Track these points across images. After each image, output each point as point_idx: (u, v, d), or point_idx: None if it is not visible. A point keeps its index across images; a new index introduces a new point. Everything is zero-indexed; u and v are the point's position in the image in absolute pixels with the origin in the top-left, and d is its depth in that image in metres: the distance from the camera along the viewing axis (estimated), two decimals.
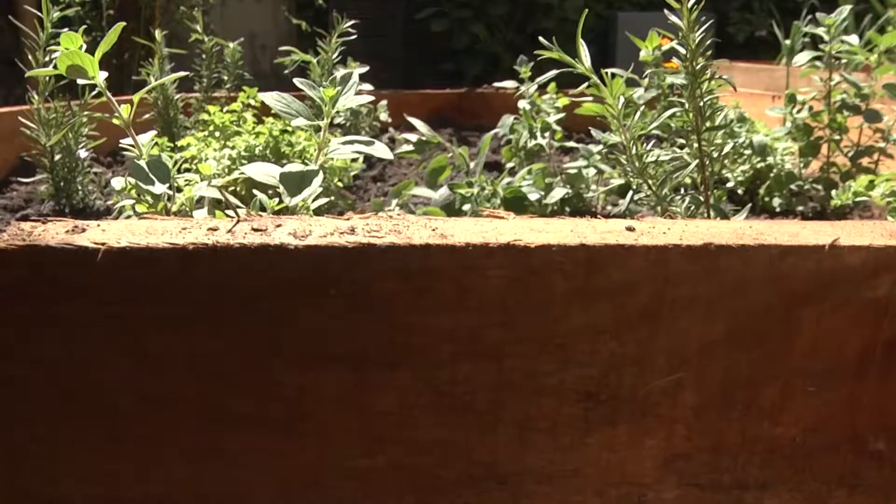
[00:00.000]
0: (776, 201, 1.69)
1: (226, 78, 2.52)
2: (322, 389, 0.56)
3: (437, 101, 2.88)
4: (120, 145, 0.93)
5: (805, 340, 0.60)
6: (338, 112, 2.18)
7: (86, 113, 1.59)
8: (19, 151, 1.93)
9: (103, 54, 0.90)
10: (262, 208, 0.95)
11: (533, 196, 1.51)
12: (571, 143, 1.61)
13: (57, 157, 1.59)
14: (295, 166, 0.85)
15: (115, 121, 0.90)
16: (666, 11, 1.02)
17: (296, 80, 0.88)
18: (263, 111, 1.87)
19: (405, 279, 0.56)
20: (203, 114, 1.65)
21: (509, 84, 2.14)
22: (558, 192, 1.48)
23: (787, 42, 4.40)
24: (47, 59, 1.59)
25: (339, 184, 1.59)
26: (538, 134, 1.60)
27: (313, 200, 0.91)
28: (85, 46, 0.90)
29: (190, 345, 0.56)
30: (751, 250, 0.58)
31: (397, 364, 0.56)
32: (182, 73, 1.12)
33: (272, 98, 0.87)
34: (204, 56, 2.45)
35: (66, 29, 1.61)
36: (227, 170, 1.45)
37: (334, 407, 0.56)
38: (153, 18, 3.99)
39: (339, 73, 2.11)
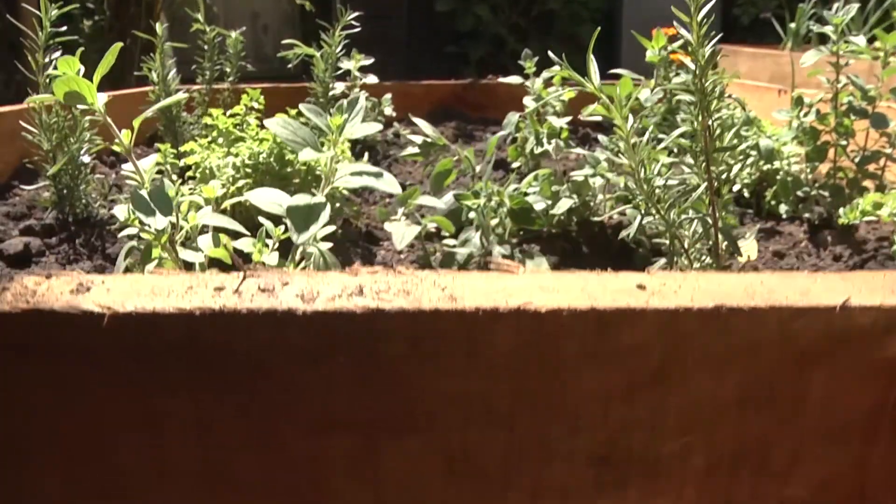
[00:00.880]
0: (782, 208, 1.68)
1: (228, 70, 2.50)
2: (331, 456, 0.56)
3: (441, 93, 2.86)
4: (122, 172, 0.92)
5: (815, 400, 0.59)
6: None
7: (87, 119, 1.58)
8: (21, 153, 1.92)
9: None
10: (269, 235, 0.94)
11: (539, 205, 1.50)
12: (577, 150, 1.59)
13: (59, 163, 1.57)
14: (302, 197, 0.84)
15: (115, 146, 0.89)
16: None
17: (302, 106, 0.86)
18: (268, 105, 1.86)
19: (414, 344, 0.56)
20: (206, 117, 1.63)
21: (514, 79, 2.13)
22: (565, 203, 1.47)
23: (793, 26, 4.35)
24: (46, 59, 1.57)
25: (345, 191, 1.58)
26: (544, 140, 1.58)
27: (321, 229, 0.90)
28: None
29: (197, 410, 0.56)
30: (761, 312, 0.57)
31: (407, 430, 0.56)
32: (180, 97, 1.11)
33: (278, 126, 0.86)
34: (206, 47, 2.43)
35: (64, 27, 1.60)
36: (231, 179, 1.44)
37: (344, 474, 0.56)
38: (155, 2, 3.95)
39: (342, 86, 2.08)
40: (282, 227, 0.91)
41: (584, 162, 1.53)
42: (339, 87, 2.29)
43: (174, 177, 1.57)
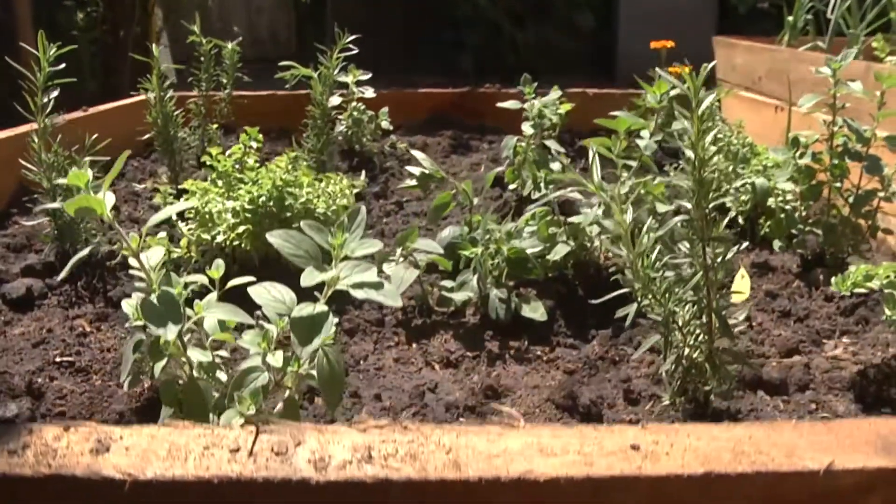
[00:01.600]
0: (776, 244, 1.71)
1: (224, 81, 2.50)
2: None
3: (438, 100, 2.86)
4: (130, 272, 0.93)
5: None
6: (341, 133, 2.17)
7: (87, 159, 1.59)
8: (18, 178, 1.93)
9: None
10: (267, 318, 0.96)
11: (536, 249, 1.52)
12: (574, 194, 1.60)
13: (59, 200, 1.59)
14: (305, 307, 0.86)
15: (125, 251, 0.91)
16: None
17: (303, 225, 0.88)
18: (266, 112, 1.86)
19: None
20: (206, 156, 1.64)
21: (512, 104, 2.13)
22: (562, 249, 1.50)
23: (790, 18, 4.33)
24: (45, 100, 1.58)
25: (333, 209, 1.60)
26: (542, 185, 1.60)
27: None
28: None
29: None
30: (748, 478, 0.60)
31: None
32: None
33: (279, 240, 0.87)
34: (202, 59, 2.43)
35: (63, 65, 1.60)
36: (231, 227, 1.46)
37: None
38: None
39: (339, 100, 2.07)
40: (285, 321, 0.92)
41: (581, 207, 1.56)
42: (336, 100, 2.29)
43: (174, 217, 1.59)
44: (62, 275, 0.95)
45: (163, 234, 1.60)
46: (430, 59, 5.15)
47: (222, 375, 0.98)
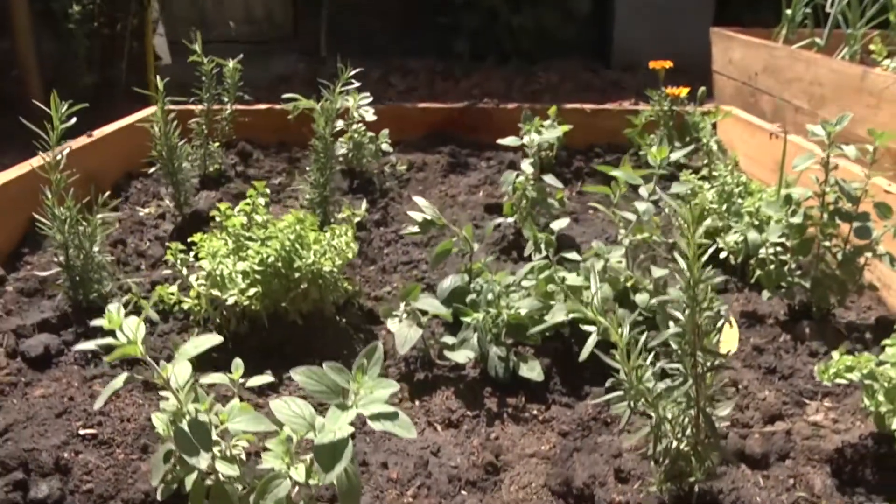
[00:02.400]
0: (765, 294, 1.80)
1: (226, 99, 2.55)
2: None
3: (437, 116, 2.91)
4: (161, 401, 1.01)
5: None
6: (342, 155, 2.24)
7: (100, 218, 1.65)
8: (29, 216, 1.99)
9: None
10: (290, 439, 1.04)
11: (535, 305, 1.60)
12: (573, 255, 1.68)
13: (71, 252, 1.65)
14: (325, 436, 0.94)
15: (158, 383, 0.99)
16: None
17: (325, 367, 0.95)
18: (268, 125, 1.91)
19: None
20: (214, 210, 1.71)
21: (511, 140, 2.19)
22: (559, 314, 1.58)
23: (788, 12, 4.36)
24: (58, 157, 1.63)
25: (340, 262, 1.66)
26: (542, 246, 1.68)
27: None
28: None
29: None
30: None
31: None
32: None
33: (303, 378, 0.95)
34: (204, 78, 2.47)
35: (73, 120, 1.64)
36: (241, 291, 1.53)
37: None
38: None
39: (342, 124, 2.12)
40: (306, 429, 1.00)
41: (580, 269, 1.63)
42: (339, 124, 2.34)
43: (184, 271, 1.66)
44: (97, 406, 1.02)
45: (173, 289, 1.68)
46: (426, 41, 5.15)
47: (245, 473, 1.07)
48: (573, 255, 1.66)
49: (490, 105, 2.91)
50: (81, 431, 1.33)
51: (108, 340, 0.94)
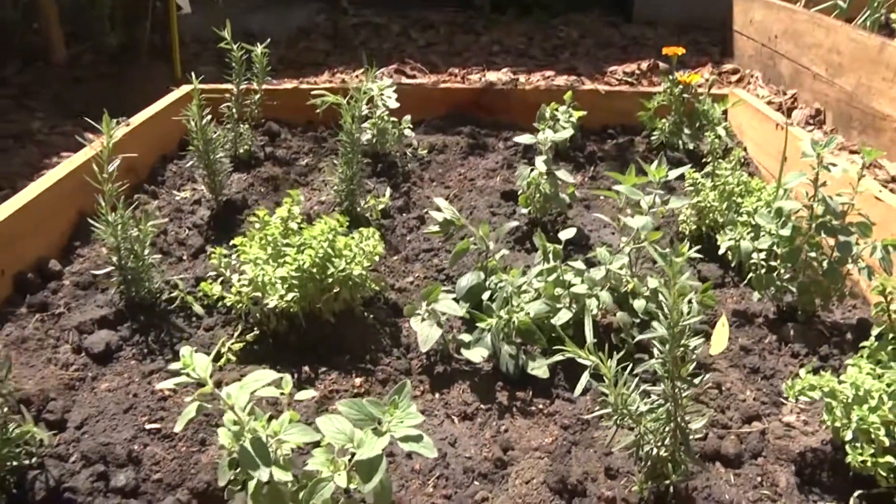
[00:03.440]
0: (755, 296, 2.02)
1: (255, 85, 2.74)
2: None
3: (457, 97, 3.09)
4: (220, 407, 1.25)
5: None
6: (367, 140, 2.49)
7: (152, 223, 1.88)
8: (79, 210, 2.23)
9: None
10: (331, 447, 1.29)
11: (543, 308, 1.83)
12: (578, 264, 1.90)
13: (123, 254, 1.89)
14: (365, 451, 1.18)
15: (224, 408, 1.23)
16: None
17: (365, 401, 1.19)
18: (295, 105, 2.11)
19: None
20: (251, 216, 1.93)
21: (526, 138, 2.39)
22: (564, 316, 1.81)
23: None
24: (111, 169, 1.85)
25: (368, 264, 1.89)
26: (550, 257, 1.89)
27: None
28: None
29: None
30: None
31: None
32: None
33: (346, 409, 1.19)
34: (234, 65, 2.66)
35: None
36: (280, 297, 1.77)
37: None
38: None
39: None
40: (348, 448, 1.25)
41: (584, 278, 1.85)
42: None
43: (227, 273, 1.89)
44: (177, 429, 1.27)
45: (217, 288, 1.91)
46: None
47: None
48: (579, 264, 1.88)
49: (508, 87, 3.08)
50: (147, 426, 1.59)
51: (183, 379, 1.18)
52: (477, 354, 1.81)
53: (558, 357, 1.44)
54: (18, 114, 3.94)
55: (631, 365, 1.40)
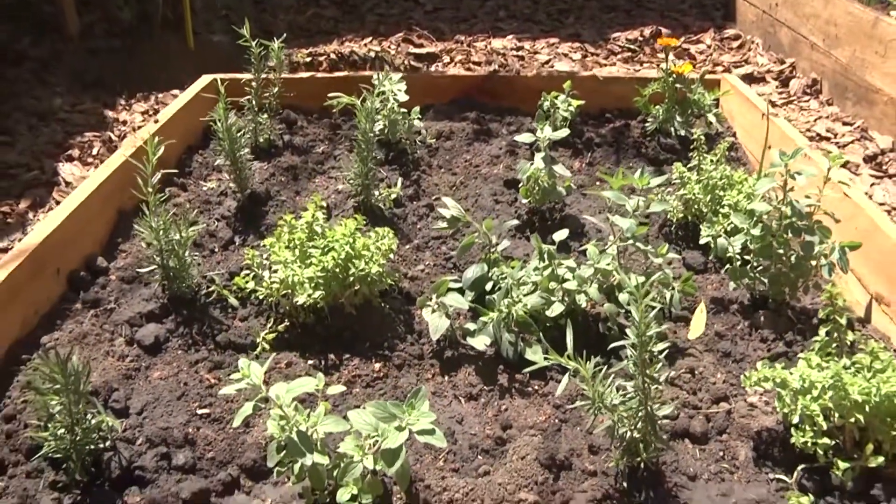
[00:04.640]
0: (731, 285, 2.32)
1: (273, 77, 3.01)
2: None
3: (463, 84, 3.35)
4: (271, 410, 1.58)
5: None
6: (379, 130, 2.81)
7: (192, 229, 2.18)
8: (119, 208, 2.53)
9: None
10: (359, 434, 1.62)
11: (538, 301, 2.14)
12: (570, 263, 2.19)
13: (165, 254, 2.20)
14: (391, 440, 1.51)
15: (273, 403, 1.55)
16: None
17: (388, 403, 1.51)
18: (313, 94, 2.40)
19: None
20: (279, 219, 2.23)
21: (526, 137, 2.66)
22: (557, 308, 2.12)
23: None
24: (154, 180, 2.14)
25: (385, 261, 2.20)
26: (545, 257, 2.19)
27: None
28: None
29: None
30: None
31: None
32: None
33: (372, 408, 1.51)
34: (253, 60, 2.92)
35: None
36: (309, 296, 2.08)
37: None
38: None
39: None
40: (373, 437, 1.57)
41: (575, 273, 2.16)
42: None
43: (255, 265, 2.20)
44: (235, 424, 1.60)
45: (251, 283, 2.23)
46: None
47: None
48: (570, 262, 2.18)
49: (512, 73, 3.34)
50: (199, 411, 1.93)
51: (244, 384, 1.50)
52: (480, 342, 2.12)
53: (549, 361, 1.74)
54: (39, 90, 4.21)
55: (608, 360, 1.72)
